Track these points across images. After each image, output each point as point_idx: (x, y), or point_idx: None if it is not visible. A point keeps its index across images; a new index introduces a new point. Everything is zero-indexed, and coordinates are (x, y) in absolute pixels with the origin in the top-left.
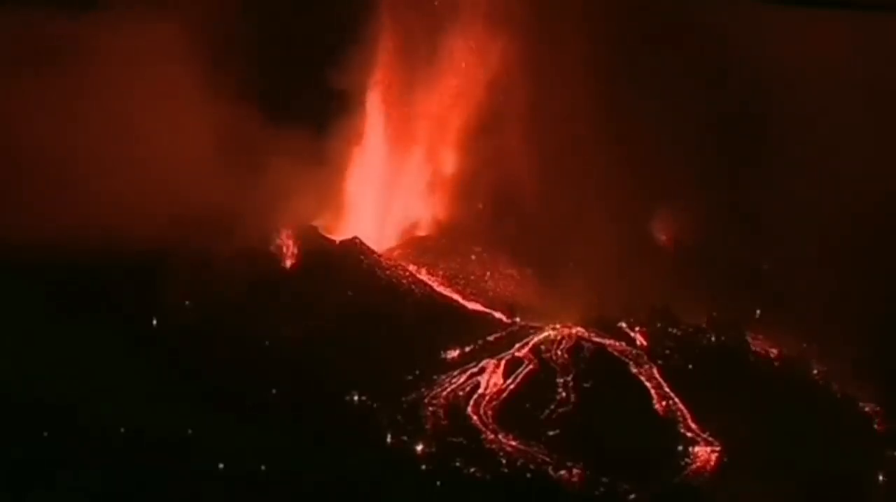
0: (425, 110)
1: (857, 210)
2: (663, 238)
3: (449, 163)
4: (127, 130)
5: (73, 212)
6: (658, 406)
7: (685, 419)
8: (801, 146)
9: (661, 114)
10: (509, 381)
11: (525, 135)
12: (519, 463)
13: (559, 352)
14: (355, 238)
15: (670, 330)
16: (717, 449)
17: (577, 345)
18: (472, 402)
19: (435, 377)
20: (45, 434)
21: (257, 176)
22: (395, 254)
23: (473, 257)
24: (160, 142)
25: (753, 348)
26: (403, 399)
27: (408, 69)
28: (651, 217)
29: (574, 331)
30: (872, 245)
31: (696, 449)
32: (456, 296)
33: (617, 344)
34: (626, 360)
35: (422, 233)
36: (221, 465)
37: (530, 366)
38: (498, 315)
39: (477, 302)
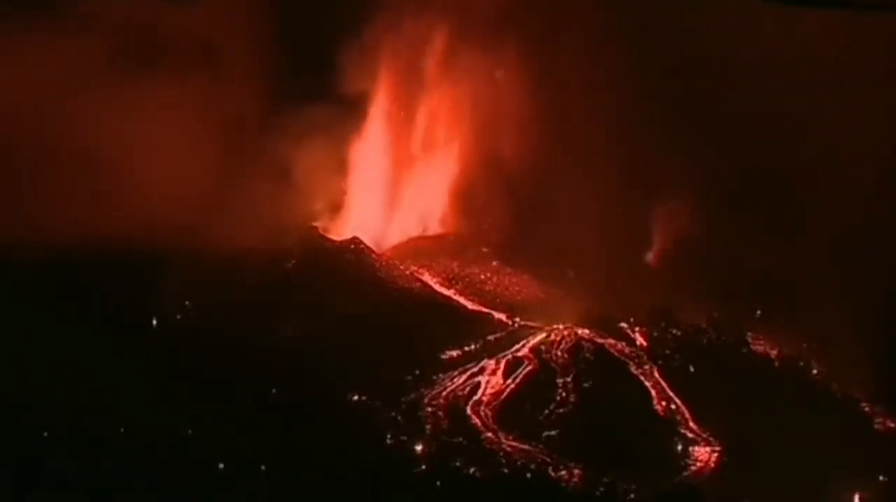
0: (426, 112)
1: (857, 211)
2: (663, 238)
3: (449, 164)
4: (127, 133)
5: (72, 212)
6: (658, 406)
7: (685, 419)
8: (801, 147)
9: (661, 115)
10: (509, 381)
11: (526, 137)
12: (519, 463)
13: (559, 352)
14: (355, 238)
15: (670, 330)
16: (717, 449)
17: (577, 345)
18: (472, 402)
19: (435, 377)
20: (45, 434)
21: (258, 177)
22: (395, 254)
23: (473, 257)
24: (161, 144)
25: (753, 348)
26: (403, 399)
27: (410, 71)
28: (651, 218)
29: (574, 331)
30: (872, 245)
31: (696, 449)
32: (456, 296)
33: (617, 344)
34: (626, 360)
35: (422, 233)
36: (221, 465)
37: (530, 366)
38: (498, 315)
39: (477, 302)
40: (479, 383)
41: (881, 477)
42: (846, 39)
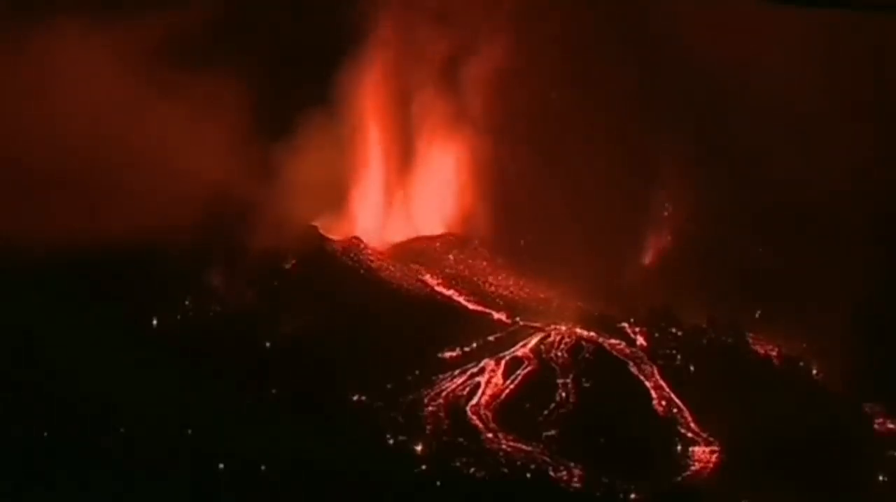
0: (425, 113)
1: (856, 211)
2: (663, 238)
3: (449, 164)
4: (130, 133)
5: (75, 212)
6: (658, 406)
7: (685, 419)
8: (801, 147)
9: (659, 116)
10: (509, 381)
11: (525, 137)
12: (519, 463)
13: (559, 352)
14: (355, 238)
15: (670, 330)
16: (717, 449)
17: (577, 345)
18: (472, 402)
19: (435, 377)
20: (45, 433)
21: (258, 177)
22: (395, 254)
23: (473, 257)
24: (163, 145)
25: (753, 348)
26: (403, 399)
27: (408, 73)
28: (651, 217)
29: (574, 331)
30: (872, 245)
31: (696, 449)
32: (456, 296)
33: (617, 344)
34: (626, 360)
35: (422, 233)
36: (221, 465)
37: (530, 366)
38: (498, 315)
39: (477, 302)
40: (478, 383)
41: (881, 477)
42: (843, 37)
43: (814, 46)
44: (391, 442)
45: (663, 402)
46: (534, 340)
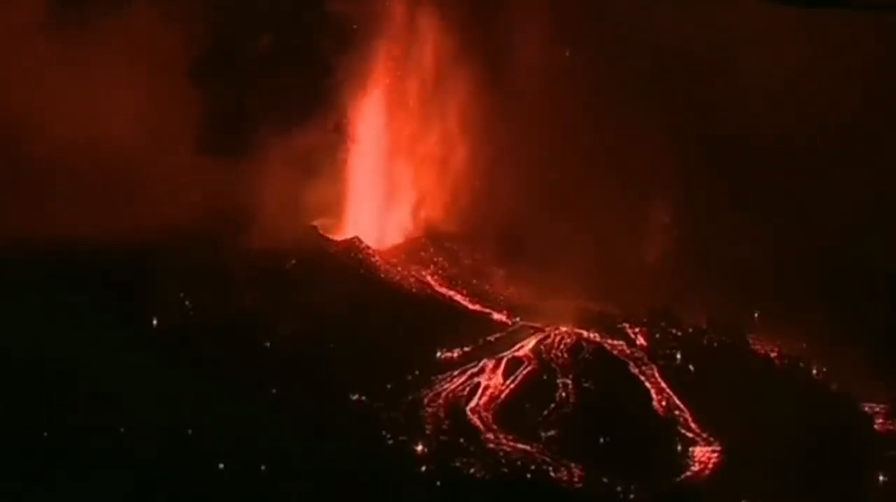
0: (425, 113)
1: (857, 210)
2: (663, 238)
3: (449, 164)
4: (129, 132)
5: (75, 212)
6: (658, 406)
7: (685, 419)
8: (801, 146)
9: (657, 116)
10: (509, 381)
11: (524, 137)
12: (519, 463)
13: (559, 352)
14: (355, 238)
15: (670, 330)
16: (717, 449)
17: (577, 345)
18: (472, 402)
19: (435, 377)
20: (45, 433)
21: (258, 177)
22: (395, 254)
23: (473, 258)
24: (164, 143)
25: (753, 348)
26: (403, 399)
27: (408, 73)
28: (651, 217)
29: (574, 331)
30: (872, 246)
31: (696, 449)
32: (456, 296)
33: (617, 344)
34: (626, 360)
35: (422, 233)
36: (221, 465)
37: (530, 366)
38: (498, 315)
39: (477, 302)
40: (478, 383)
41: (881, 478)
42: (843, 38)
43: (813, 46)
44: (391, 442)
45: (663, 402)
46: (534, 340)
